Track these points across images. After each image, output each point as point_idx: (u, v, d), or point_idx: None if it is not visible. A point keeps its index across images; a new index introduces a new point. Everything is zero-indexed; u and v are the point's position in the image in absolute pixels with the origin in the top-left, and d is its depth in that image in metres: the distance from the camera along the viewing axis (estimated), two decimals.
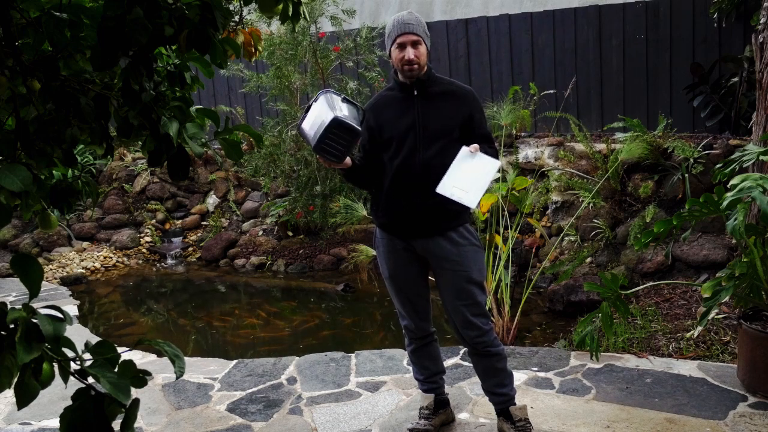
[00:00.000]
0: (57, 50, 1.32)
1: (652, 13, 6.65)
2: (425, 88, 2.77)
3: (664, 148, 5.35)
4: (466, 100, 2.79)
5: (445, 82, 2.83)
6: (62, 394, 1.88)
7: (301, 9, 1.57)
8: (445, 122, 2.74)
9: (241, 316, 5.69)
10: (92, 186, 1.76)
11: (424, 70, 2.73)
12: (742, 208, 2.90)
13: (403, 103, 2.79)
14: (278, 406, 3.39)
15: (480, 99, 2.91)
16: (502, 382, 2.88)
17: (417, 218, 2.75)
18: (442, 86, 2.80)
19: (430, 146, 2.72)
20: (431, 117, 2.75)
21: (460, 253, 2.76)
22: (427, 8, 8.08)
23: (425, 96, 2.77)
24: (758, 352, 3.13)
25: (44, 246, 7.48)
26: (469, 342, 2.81)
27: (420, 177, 2.72)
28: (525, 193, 4.68)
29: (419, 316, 2.93)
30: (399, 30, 2.71)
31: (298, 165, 6.83)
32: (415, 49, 2.68)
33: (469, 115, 2.77)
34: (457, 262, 2.75)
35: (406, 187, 2.75)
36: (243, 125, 1.58)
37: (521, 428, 2.85)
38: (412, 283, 2.89)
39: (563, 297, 4.98)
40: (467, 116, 2.76)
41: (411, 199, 2.74)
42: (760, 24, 4.10)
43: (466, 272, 2.75)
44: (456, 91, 2.80)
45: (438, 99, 2.77)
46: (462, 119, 2.76)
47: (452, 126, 2.75)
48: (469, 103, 2.79)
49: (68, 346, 1.16)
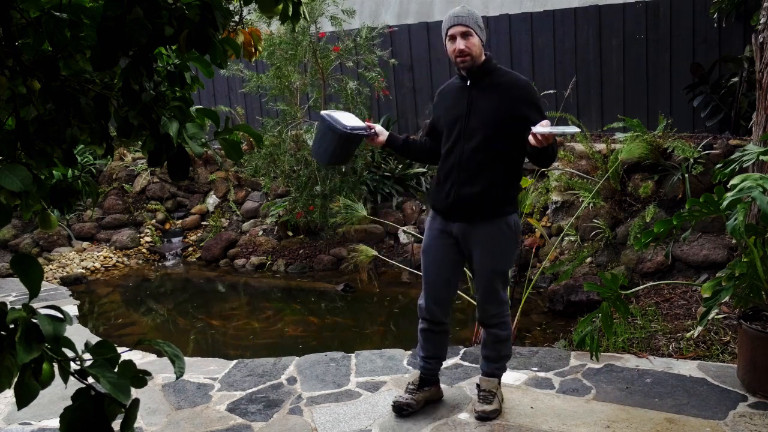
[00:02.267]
0: (57, 50, 1.32)
1: (652, 13, 6.66)
2: (480, 80, 2.86)
3: (664, 148, 5.35)
4: (517, 92, 2.81)
5: (502, 74, 2.88)
6: (62, 394, 1.88)
7: (301, 9, 1.57)
8: (491, 114, 2.81)
9: (241, 316, 5.69)
10: (92, 186, 1.76)
11: (479, 60, 2.82)
12: (742, 208, 2.90)
13: (458, 93, 2.92)
14: (278, 406, 3.39)
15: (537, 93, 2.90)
16: (493, 358, 3.13)
17: (456, 204, 2.90)
18: (498, 78, 2.86)
19: (472, 137, 2.84)
20: (479, 109, 2.83)
21: (493, 243, 2.90)
22: (427, 8, 8.08)
23: (479, 87, 2.86)
24: (758, 352, 3.13)
25: (44, 246, 7.48)
26: (480, 318, 3.10)
27: (461, 166, 2.86)
28: (525, 193, 4.68)
29: (434, 301, 3.06)
30: (450, 22, 2.81)
31: (298, 165, 6.83)
32: (466, 40, 2.77)
33: (518, 109, 2.78)
34: (488, 252, 2.91)
35: (449, 174, 2.91)
36: (243, 125, 1.58)
37: (482, 398, 3.10)
38: (438, 265, 3.03)
39: (563, 297, 4.98)
40: (515, 110, 2.78)
41: (452, 185, 2.89)
42: (760, 24, 4.10)
43: (492, 262, 2.92)
44: (507, 84, 2.84)
45: (490, 91, 2.84)
46: (509, 112, 2.79)
47: (497, 119, 2.80)
48: (519, 97, 2.80)
49: (68, 346, 1.16)
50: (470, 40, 2.78)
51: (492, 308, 3.02)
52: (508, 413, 3.14)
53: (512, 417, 3.11)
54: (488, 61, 2.89)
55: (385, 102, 7.90)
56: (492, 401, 3.09)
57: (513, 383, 3.47)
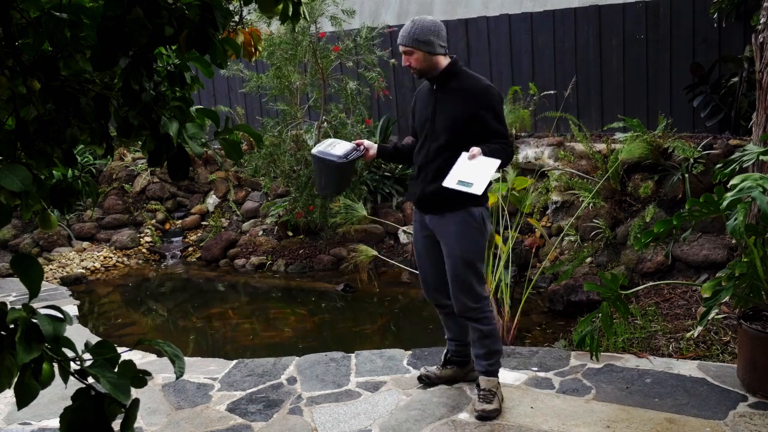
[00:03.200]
0: (57, 50, 1.32)
1: (652, 13, 6.65)
2: (445, 84, 3.10)
3: (664, 148, 5.35)
4: (475, 97, 3.02)
5: (465, 78, 3.09)
6: (62, 394, 1.88)
7: (301, 9, 1.57)
8: (454, 116, 3.05)
9: (241, 316, 5.69)
10: (92, 186, 1.76)
11: (436, 69, 3.06)
12: (742, 208, 2.90)
13: (427, 96, 3.20)
14: (278, 406, 3.39)
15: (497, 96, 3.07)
16: (483, 355, 3.20)
17: (425, 198, 3.15)
18: (459, 82, 3.08)
19: (438, 137, 3.09)
20: (444, 111, 3.09)
21: (457, 233, 3.08)
22: (427, 8, 8.08)
23: (444, 91, 3.11)
24: (758, 352, 3.13)
25: (44, 246, 7.48)
26: (457, 311, 3.18)
27: (429, 164, 3.13)
28: (525, 193, 4.69)
29: (427, 285, 3.35)
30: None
31: (298, 165, 6.83)
32: (409, 57, 3.05)
33: (476, 113, 3.01)
34: (453, 241, 3.09)
35: (420, 171, 3.19)
36: (243, 125, 1.58)
37: (482, 397, 3.15)
38: (422, 253, 3.31)
39: (563, 297, 4.98)
40: (474, 114, 3.02)
41: (422, 181, 3.16)
42: (760, 24, 4.10)
43: (458, 251, 3.08)
44: (468, 88, 3.05)
45: (452, 94, 3.07)
46: (469, 116, 3.02)
47: (459, 121, 3.04)
48: (477, 101, 3.02)
49: (68, 346, 1.16)
50: (412, 57, 3.04)
51: (468, 301, 3.12)
52: (508, 413, 3.14)
53: (512, 417, 3.11)
54: (452, 65, 3.10)
55: (385, 102, 7.90)
56: (492, 400, 3.12)
57: (513, 383, 3.47)
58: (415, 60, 3.04)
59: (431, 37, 3.01)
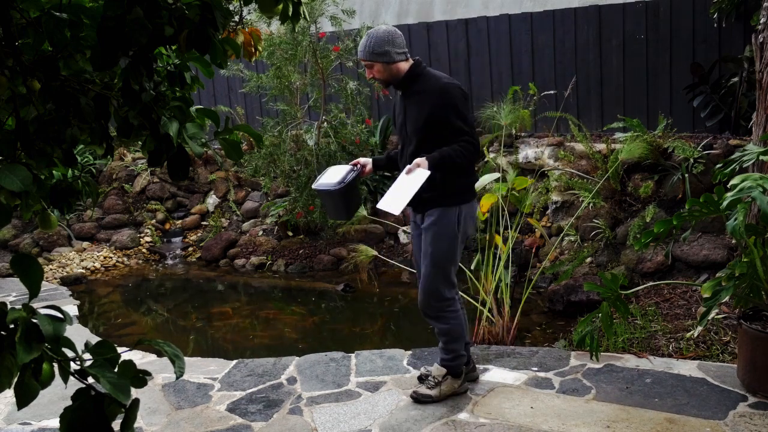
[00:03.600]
0: (57, 50, 1.32)
1: (652, 13, 6.65)
2: (409, 88, 3.20)
3: (664, 148, 5.35)
4: (434, 97, 3.10)
5: (428, 79, 3.15)
6: (62, 394, 1.88)
7: (301, 9, 1.57)
8: (417, 119, 3.16)
9: (241, 316, 5.69)
10: (92, 186, 1.76)
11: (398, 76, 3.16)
12: (742, 208, 2.90)
13: (399, 103, 3.32)
14: (278, 406, 3.39)
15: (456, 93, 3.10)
16: (441, 348, 3.35)
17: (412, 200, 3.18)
18: (421, 84, 3.16)
19: (410, 142, 3.22)
20: (411, 116, 3.20)
21: (433, 234, 3.20)
22: (427, 8, 8.08)
23: (408, 95, 3.22)
24: (758, 352, 3.13)
25: (44, 246, 7.48)
26: (419, 303, 3.31)
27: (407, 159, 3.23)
28: (525, 193, 4.68)
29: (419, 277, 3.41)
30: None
31: (298, 165, 6.83)
32: (370, 70, 3.18)
33: (435, 113, 3.09)
34: (428, 242, 3.22)
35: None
36: (243, 125, 1.58)
37: (425, 381, 3.32)
38: (416, 251, 3.41)
39: (563, 297, 4.98)
40: (433, 114, 3.10)
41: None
42: (760, 24, 4.10)
43: (430, 251, 3.20)
44: (427, 90, 3.13)
45: (417, 97, 3.17)
46: (430, 117, 3.11)
47: (422, 123, 3.14)
48: (436, 101, 3.09)
49: (68, 346, 1.16)
50: (373, 69, 3.17)
51: (431, 299, 3.22)
52: (508, 413, 3.15)
53: (512, 417, 3.11)
54: (414, 67, 3.19)
55: (385, 102, 7.90)
56: (432, 387, 3.29)
57: (513, 383, 3.47)
58: (376, 71, 3.17)
59: (386, 47, 3.11)
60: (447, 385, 3.31)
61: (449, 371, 3.32)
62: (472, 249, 6.11)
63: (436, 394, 3.28)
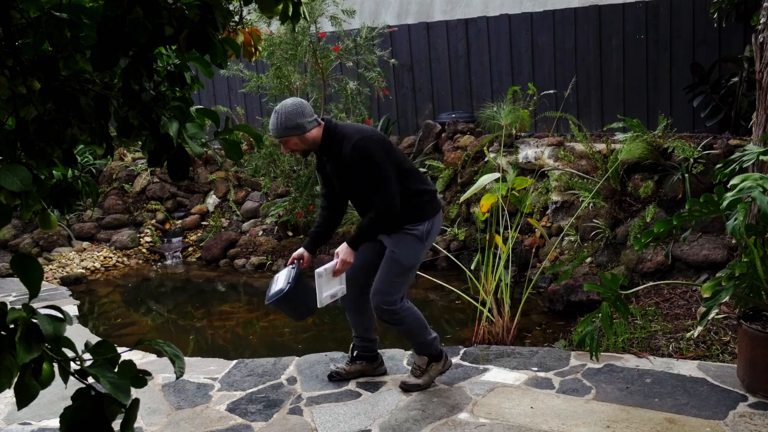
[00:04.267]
0: (57, 50, 1.32)
1: (652, 13, 6.65)
2: (326, 152, 3.28)
3: (664, 148, 5.35)
4: (348, 161, 3.18)
5: (338, 142, 3.21)
6: (62, 394, 1.88)
7: (301, 9, 1.57)
8: (344, 180, 3.30)
9: (241, 315, 5.69)
10: (92, 186, 1.76)
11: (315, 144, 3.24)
12: (742, 208, 2.90)
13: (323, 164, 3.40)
14: (278, 406, 3.39)
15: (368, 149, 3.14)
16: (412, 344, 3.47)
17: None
18: (336, 146, 3.22)
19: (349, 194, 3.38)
20: (337, 175, 3.32)
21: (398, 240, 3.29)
22: (427, 8, 8.09)
23: (328, 159, 3.32)
24: (758, 352, 3.13)
25: (44, 246, 7.48)
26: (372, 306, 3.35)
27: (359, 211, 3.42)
28: (525, 193, 4.68)
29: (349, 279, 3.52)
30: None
31: (298, 165, 6.83)
32: (286, 145, 3.24)
33: (354, 174, 3.21)
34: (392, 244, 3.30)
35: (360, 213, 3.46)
36: (243, 125, 1.58)
37: (411, 371, 3.46)
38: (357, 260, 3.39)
39: (563, 297, 4.98)
40: (353, 175, 3.21)
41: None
42: (760, 24, 4.10)
43: (391, 250, 3.28)
44: (343, 154, 3.20)
45: (335, 160, 3.27)
46: (352, 178, 3.24)
47: (349, 182, 3.28)
48: (351, 164, 3.18)
49: (68, 346, 1.16)
50: (288, 143, 3.22)
51: (381, 303, 3.25)
52: (508, 413, 3.15)
53: (512, 417, 3.11)
54: (325, 132, 3.24)
55: (385, 102, 7.90)
56: (419, 376, 3.42)
57: (513, 383, 3.47)
58: (293, 145, 3.23)
59: (298, 120, 3.16)
60: (433, 370, 3.45)
61: (430, 357, 3.43)
62: (472, 249, 6.11)
63: (424, 381, 3.42)
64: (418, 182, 3.30)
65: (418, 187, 3.29)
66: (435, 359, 3.45)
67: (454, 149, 7.01)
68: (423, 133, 7.58)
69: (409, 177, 3.26)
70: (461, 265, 4.73)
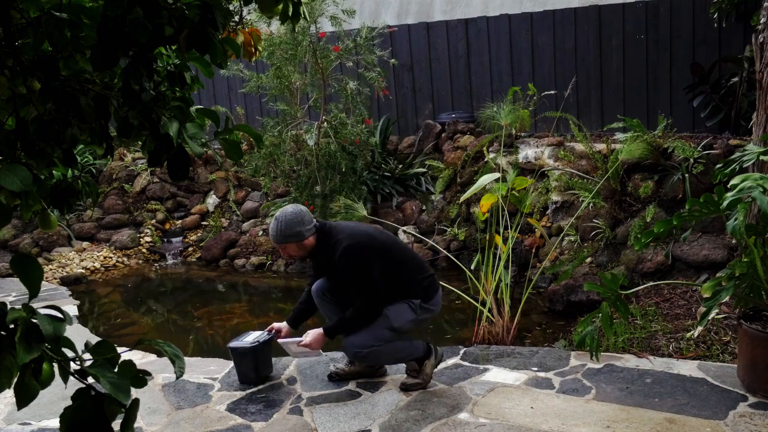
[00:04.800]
0: (57, 50, 1.32)
1: (652, 13, 6.66)
2: (319, 256, 3.47)
3: (664, 148, 5.35)
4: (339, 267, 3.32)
5: (330, 248, 3.37)
6: (62, 394, 1.88)
7: (301, 9, 1.57)
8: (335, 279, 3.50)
9: (241, 315, 5.69)
10: (92, 186, 1.76)
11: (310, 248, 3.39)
12: (743, 208, 2.90)
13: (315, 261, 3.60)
14: (278, 406, 3.39)
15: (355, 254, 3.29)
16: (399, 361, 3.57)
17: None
18: (328, 252, 3.37)
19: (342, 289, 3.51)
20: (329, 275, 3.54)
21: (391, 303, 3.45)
22: (427, 8, 8.09)
23: (321, 260, 3.49)
24: (758, 352, 3.13)
25: (44, 246, 7.48)
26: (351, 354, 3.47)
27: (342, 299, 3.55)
28: (525, 193, 4.68)
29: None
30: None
31: (298, 165, 6.83)
32: (284, 251, 3.40)
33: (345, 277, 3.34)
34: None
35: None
36: (243, 125, 1.58)
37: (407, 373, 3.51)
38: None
39: (563, 297, 4.98)
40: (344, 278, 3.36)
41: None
42: (760, 24, 4.10)
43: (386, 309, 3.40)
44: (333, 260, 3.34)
45: (327, 264, 3.44)
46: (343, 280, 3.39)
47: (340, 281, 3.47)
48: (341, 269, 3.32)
49: (68, 346, 1.16)
50: (287, 249, 3.38)
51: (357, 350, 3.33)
52: (508, 413, 3.15)
53: (512, 417, 3.11)
54: (318, 239, 3.40)
55: (385, 102, 7.90)
56: (416, 376, 3.47)
57: (513, 383, 3.47)
58: (291, 250, 3.38)
59: (297, 228, 3.31)
60: (427, 367, 3.49)
61: (419, 360, 3.48)
62: (472, 249, 6.11)
63: (423, 379, 3.46)
64: (418, 270, 3.47)
65: (417, 275, 3.45)
66: (425, 358, 3.49)
67: (454, 149, 7.01)
68: (423, 133, 7.58)
69: (409, 266, 3.45)
70: (461, 265, 4.73)
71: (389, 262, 3.37)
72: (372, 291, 3.30)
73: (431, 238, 6.46)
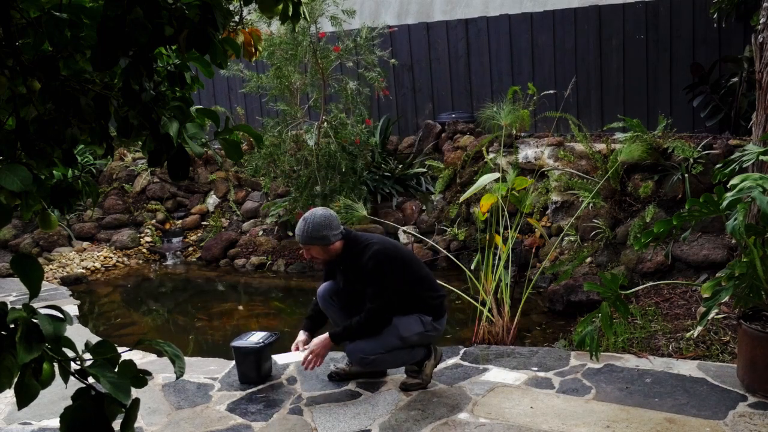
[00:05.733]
0: (57, 50, 1.32)
1: (652, 13, 6.66)
2: (344, 261, 3.44)
3: (664, 148, 5.35)
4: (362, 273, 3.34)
5: (356, 255, 3.37)
6: (62, 394, 1.88)
7: (301, 9, 1.57)
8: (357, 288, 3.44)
9: (241, 315, 5.69)
10: (92, 186, 1.76)
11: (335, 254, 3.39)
12: (742, 208, 2.90)
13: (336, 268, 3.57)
14: (278, 406, 3.39)
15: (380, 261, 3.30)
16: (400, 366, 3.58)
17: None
18: (354, 259, 3.37)
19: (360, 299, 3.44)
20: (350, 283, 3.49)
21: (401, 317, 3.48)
22: (427, 8, 8.09)
23: (344, 268, 3.47)
24: (758, 352, 3.13)
25: (44, 246, 7.48)
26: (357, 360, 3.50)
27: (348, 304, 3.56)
28: (525, 193, 4.68)
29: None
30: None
31: (298, 165, 6.83)
32: (308, 252, 3.41)
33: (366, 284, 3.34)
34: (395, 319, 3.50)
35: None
36: (243, 125, 1.58)
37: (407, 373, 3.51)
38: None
39: (563, 297, 4.98)
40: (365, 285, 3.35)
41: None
42: (760, 24, 4.10)
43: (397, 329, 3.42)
44: (358, 266, 3.36)
45: (351, 271, 3.43)
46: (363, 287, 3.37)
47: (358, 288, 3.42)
48: (364, 276, 3.33)
49: (68, 346, 1.16)
50: (310, 251, 3.39)
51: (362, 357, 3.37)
52: (508, 413, 3.15)
53: (512, 417, 3.11)
54: (345, 245, 3.39)
55: (385, 102, 7.90)
56: (416, 376, 3.48)
57: (513, 383, 3.47)
58: (315, 252, 3.39)
59: (324, 231, 3.31)
60: (427, 367, 3.50)
61: (422, 359, 3.49)
62: (472, 249, 6.11)
63: (422, 379, 3.47)
64: (432, 288, 3.48)
65: (431, 293, 3.47)
66: (425, 358, 3.50)
67: (454, 149, 7.01)
68: (423, 133, 7.58)
69: (424, 283, 3.46)
70: (461, 265, 4.73)
71: (410, 274, 3.40)
72: (387, 299, 3.32)
73: (431, 238, 6.46)
